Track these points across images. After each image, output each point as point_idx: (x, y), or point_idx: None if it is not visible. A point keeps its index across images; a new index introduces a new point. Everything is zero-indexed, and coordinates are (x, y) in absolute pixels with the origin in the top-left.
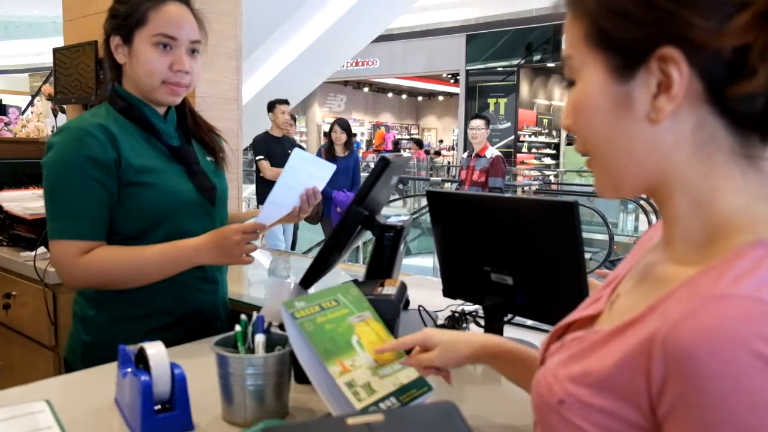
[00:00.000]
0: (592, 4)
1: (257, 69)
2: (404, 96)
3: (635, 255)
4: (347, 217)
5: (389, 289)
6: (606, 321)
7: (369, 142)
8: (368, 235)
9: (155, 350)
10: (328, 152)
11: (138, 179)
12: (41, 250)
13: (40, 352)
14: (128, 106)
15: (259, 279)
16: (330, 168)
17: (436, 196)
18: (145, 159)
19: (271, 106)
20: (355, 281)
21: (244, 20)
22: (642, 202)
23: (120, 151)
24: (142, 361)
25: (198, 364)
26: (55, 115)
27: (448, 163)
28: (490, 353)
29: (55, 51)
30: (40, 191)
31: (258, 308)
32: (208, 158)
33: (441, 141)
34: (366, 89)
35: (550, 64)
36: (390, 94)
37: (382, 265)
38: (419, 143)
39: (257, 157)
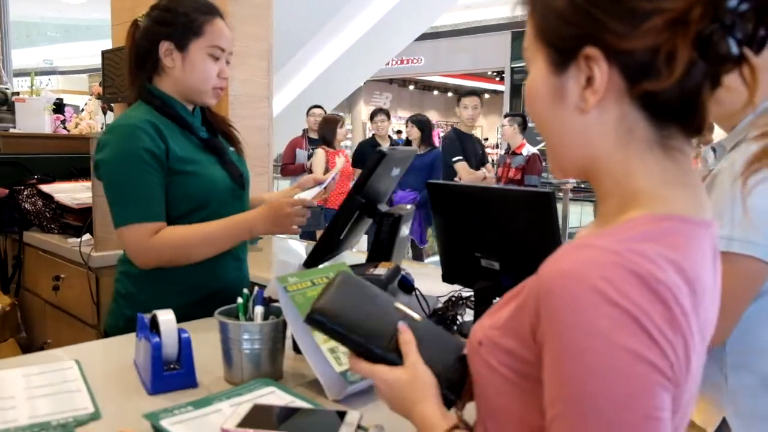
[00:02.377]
0: (539, 4)
1: (299, 70)
2: (449, 94)
3: None
4: (346, 203)
5: (381, 270)
6: None
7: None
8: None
9: (165, 317)
10: None
11: (183, 168)
12: (86, 236)
13: (84, 330)
14: (163, 103)
15: (282, 263)
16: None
17: (436, 187)
18: (186, 150)
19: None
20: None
21: (285, 23)
22: None
23: (167, 143)
24: (155, 327)
25: (214, 334)
26: (104, 113)
27: (492, 161)
28: None
29: (104, 53)
30: (88, 183)
31: (252, 287)
32: (231, 148)
33: (486, 139)
34: (411, 87)
35: None
36: (435, 92)
37: (381, 250)
38: None
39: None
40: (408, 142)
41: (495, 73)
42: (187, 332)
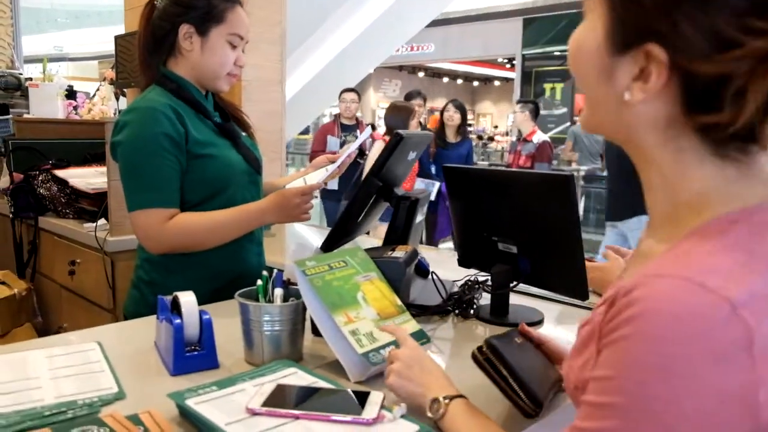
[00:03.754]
0: None
1: (310, 55)
2: (459, 81)
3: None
4: (362, 187)
5: (399, 254)
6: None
7: (424, 128)
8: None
9: (187, 298)
10: (438, 137)
11: (202, 152)
12: (101, 221)
13: (100, 314)
14: (179, 87)
15: (296, 248)
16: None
17: (452, 171)
18: (203, 134)
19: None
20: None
21: (296, 9)
22: None
23: (186, 127)
24: (176, 308)
25: (232, 318)
26: (117, 99)
27: (502, 149)
28: None
29: (117, 38)
30: (102, 168)
31: (270, 270)
32: (243, 133)
33: (496, 127)
34: (421, 74)
35: None
36: (445, 79)
37: (397, 233)
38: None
39: None
40: (441, 128)
41: (506, 60)
42: (208, 313)
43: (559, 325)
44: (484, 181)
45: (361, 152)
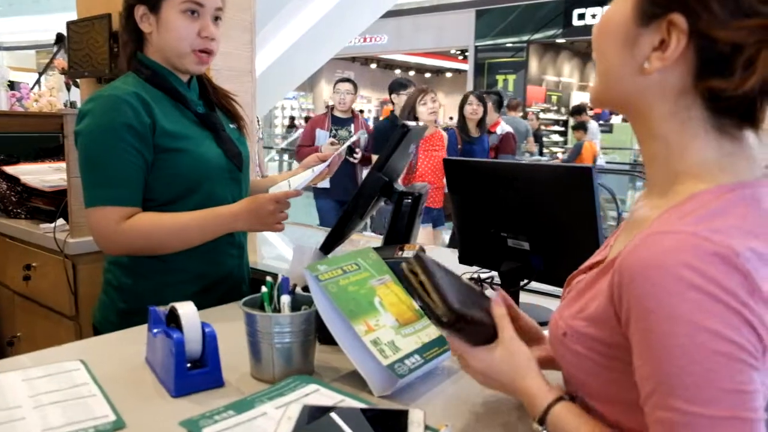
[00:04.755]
0: None
1: (268, 42)
2: (412, 72)
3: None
4: (367, 183)
5: (408, 253)
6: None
7: (377, 119)
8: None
9: (186, 309)
10: (462, 132)
11: (172, 145)
12: (60, 221)
13: (60, 323)
14: (154, 74)
15: (277, 249)
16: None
17: (454, 164)
18: (177, 125)
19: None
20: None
21: None
22: None
23: (154, 117)
24: (173, 321)
25: (226, 325)
26: (68, 89)
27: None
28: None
29: (69, 24)
30: (57, 164)
31: (274, 275)
32: (231, 125)
33: (451, 118)
34: (374, 66)
35: (560, 40)
36: (398, 71)
37: (400, 231)
38: None
39: None
40: (463, 122)
41: (458, 52)
42: (211, 326)
43: None
44: (492, 174)
45: (350, 150)
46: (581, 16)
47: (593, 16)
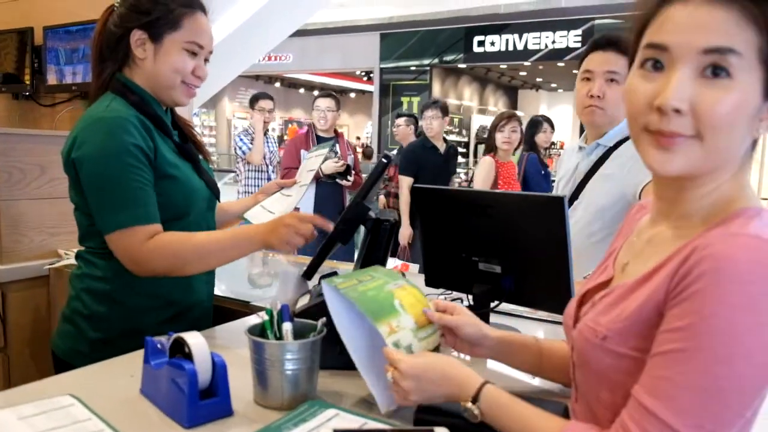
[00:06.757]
0: (764, 21)
1: None
2: (316, 92)
3: (625, 231)
4: (354, 211)
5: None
6: (621, 281)
7: (281, 138)
8: None
9: (196, 340)
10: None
11: (169, 172)
12: None
13: None
14: (141, 100)
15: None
16: (326, 146)
17: (422, 192)
18: (169, 153)
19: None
20: (334, 273)
21: None
22: None
23: (155, 142)
24: (178, 351)
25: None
26: None
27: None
28: (506, 341)
29: None
30: None
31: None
32: (199, 156)
33: (358, 138)
34: (278, 84)
35: (461, 65)
36: (302, 90)
37: (377, 257)
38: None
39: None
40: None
41: (363, 73)
42: (221, 356)
43: None
44: (463, 201)
45: (344, 173)
46: (481, 43)
47: (492, 43)
